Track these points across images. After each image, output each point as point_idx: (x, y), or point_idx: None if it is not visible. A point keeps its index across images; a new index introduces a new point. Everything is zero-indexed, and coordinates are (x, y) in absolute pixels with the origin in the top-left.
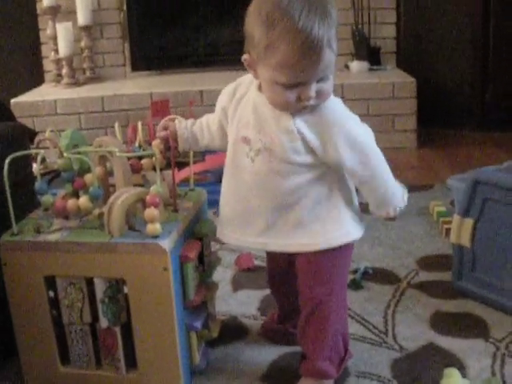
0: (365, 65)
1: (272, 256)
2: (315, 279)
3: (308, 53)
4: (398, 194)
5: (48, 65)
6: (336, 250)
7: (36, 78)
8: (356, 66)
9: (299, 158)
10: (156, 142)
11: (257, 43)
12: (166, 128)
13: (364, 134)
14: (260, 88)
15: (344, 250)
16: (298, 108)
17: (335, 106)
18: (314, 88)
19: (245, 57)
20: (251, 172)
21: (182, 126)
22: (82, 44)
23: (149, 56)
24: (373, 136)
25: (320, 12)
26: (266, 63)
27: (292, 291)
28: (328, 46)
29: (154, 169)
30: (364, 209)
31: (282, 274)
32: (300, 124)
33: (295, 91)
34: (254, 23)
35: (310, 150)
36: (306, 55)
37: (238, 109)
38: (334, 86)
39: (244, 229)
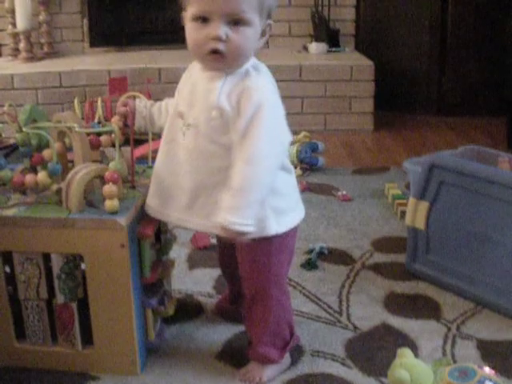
0: (323, 47)
1: (220, 238)
2: (252, 267)
3: None
4: (248, 213)
5: (5, 38)
6: (271, 239)
7: None
8: (315, 47)
9: (220, 138)
10: (115, 119)
11: None
12: (125, 105)
13: (271, 119)
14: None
15: (279, 239)
16: (206, 50)
17: (262, 83)
18: (222, 28)
19: (182, 14)
20: (183, 147)
21: (141, 104)
22: (40, 18)
23: (107, 32)
24: (278, 130)
25: None
26: (186, 3)
27: (238, 275)
28: None
29: (113, 145)
30: (313, 189)
31: (229, 256)
32: (222, 99)
33: (204, 29)
34: None
35: (229, 129)
36: None
37: (184, 86)
38: (291, 66)
39: (168, 203)
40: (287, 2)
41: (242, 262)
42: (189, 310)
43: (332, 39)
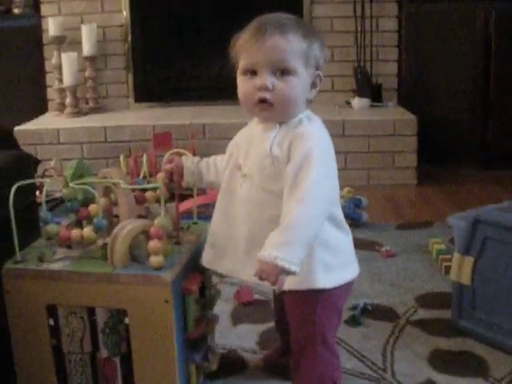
0: (366, 101)
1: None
2: (299, 321)
3: (256, 34)
4: (296, 251)
5: (52, 94)
6: (318, 293)
7: (39, 107)
8: (358, 102)
9: (272, 186)
10: (161, 175)
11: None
12: (171, 161)
13: (322, 163)
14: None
15: (326, 294)
16: (254, 101)
17: (313, 130)
18: (268, 78)
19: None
20: (239, 197)
21: (188, 160)
22: (86, 74)
23: (152, 87)
24: (327, 172)
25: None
26: (236, 58)
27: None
28: (280, 33)
29: (158, 201)
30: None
31: (283, 309)
32: (274, 147)
33: (252, 81)
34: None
35: (281, 176)
36: (255, 36)
37: (242, 139)
38: (334, 121)
39: (223, 253)
40: (330, 57)
41: (289, 314)
42: (232, 365)
43: (375, 94)
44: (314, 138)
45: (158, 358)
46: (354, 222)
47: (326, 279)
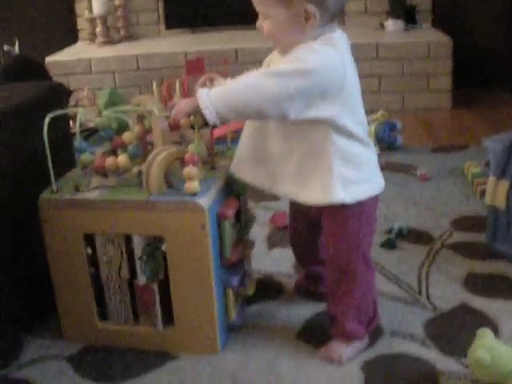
0: (400, 24)
1: (295, 218)
2: (339, 237)
3: None
4: (222, 107)
5: (82, 23)
6: (348, 208)
7: (70, 37)
8: (391, 24)
9: None
10: None
11: None
12: (204, 86)
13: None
14: None
15: (358, 208)
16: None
17: (304, 48)
18: (258, 22)
19: None
20: None
21: (221, 84)
22: (116, 2)
23: (183, 14)
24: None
25: None
26: None
27: (314, 259)
28: None
29: (192, 127)
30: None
31: (302, 236)
32: None
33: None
34: None
35: None
36: None
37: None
38: (368, 44)
39: (253, 165)
40: None
41: (327, 232)
42: (268, 289)
43: (408, 16)
44: (309, 45)
45: (195, 284)
46: (388, 145)
47: (346, 194)
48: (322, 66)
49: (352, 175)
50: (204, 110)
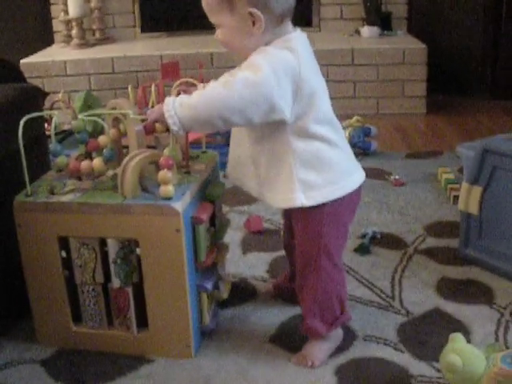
0: (375, 30)
1: (284, 214)
2: (303, 236)
3: None
4: (187, 116)
5: (58, 25)
6: (320, 209)
7: (45, 39)
8: (367, 31)
9: None
10: None
11: None
12: (179, 92)
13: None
14: None
15: (329, 209)
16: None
17: (257, 54)
18: (216, 32)
19: None
20: None
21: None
22: (92, 4)
23: (158, 17)
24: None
25: None
26: None
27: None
28: None
29: (167, 131)
30: (366, 173)
31: (291, 231)
32: None
33: None
34: None
35: None
36: None
37: None
38: (343, 50)
39: (239, 172)
40: None
41: (295, 230)
42: (243, 293)
43: (384, 22)
44: (259, 52)
45: (169, 287)
46: (363, 150)
47: (307, 198)
48: (273, 72)
49: (312, 179)
50: (168, 119)
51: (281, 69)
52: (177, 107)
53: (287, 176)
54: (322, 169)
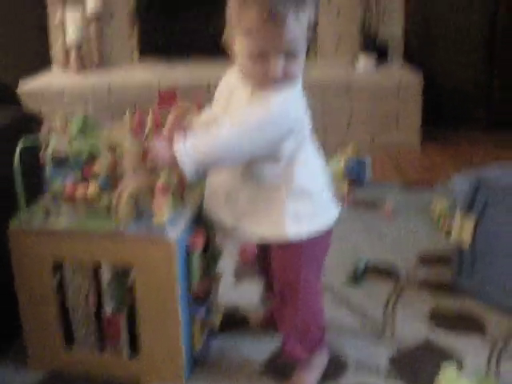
0: (371, 61)
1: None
2: (282, 267)
3: (271, 19)
4: (198, 161)
5: (56, 49)
6: (299, 243)
7: (44, 64)
8: (362, 61)
9: None
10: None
11: (232, 15)
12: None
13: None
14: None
15: (307, 242)
16: (265, 80)
17: (284, 95)
18: (279, 66)
19: (224, 38)
20: None
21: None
22: (91, 30)
23: (157, 43)
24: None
25: None
26: (238, 32)
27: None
28: (295, 19)
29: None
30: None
31: (265, 260)
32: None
33: (262, 65)
34: (231, 4)
35: None
36: (270, 21)
37: (221, 93)
38: (340, 81)
39: (214, 204)
40: (336, 14)
41: (274, 257)
42: (235, 322)
43: (380, 52)
44: (279, 97)
45: (162, 315)
46: (357, 181)
47: (298, 230)
48: (287, 113)
49: (303, 209)
50: (184, 168)
51: (292, 110)
52: (191, 155)
53: (277, 208)
54: (309, 200)
